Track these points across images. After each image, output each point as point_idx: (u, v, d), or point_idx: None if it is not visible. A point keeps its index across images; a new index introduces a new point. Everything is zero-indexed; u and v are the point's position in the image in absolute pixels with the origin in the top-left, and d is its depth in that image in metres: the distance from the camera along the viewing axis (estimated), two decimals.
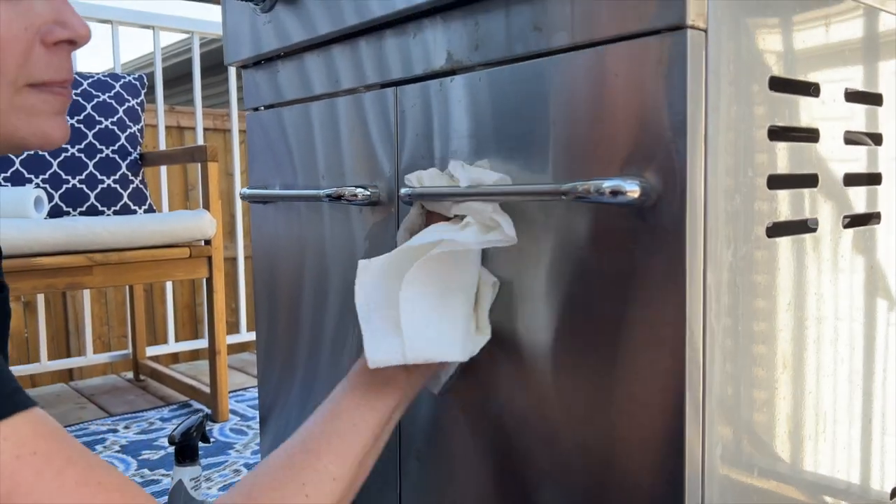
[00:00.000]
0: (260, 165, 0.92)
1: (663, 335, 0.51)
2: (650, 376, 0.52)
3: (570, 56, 0.55)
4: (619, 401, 0.54)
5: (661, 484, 0.52)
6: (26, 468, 0.44)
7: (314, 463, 0.56)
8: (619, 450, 0.54)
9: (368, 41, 0.73)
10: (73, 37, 0.53)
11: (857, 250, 0.66)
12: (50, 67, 0.52)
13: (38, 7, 0.51)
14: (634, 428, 0.53)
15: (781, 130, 0.56)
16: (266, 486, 0.54)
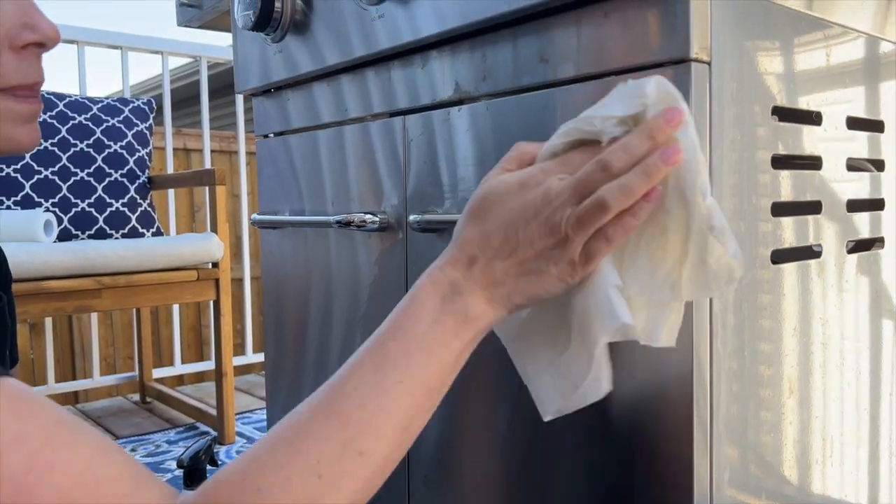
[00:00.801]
0: (269, 191, 0.93)
1: (670, 361, 0.51)
2: (657, 402, 0.52)
3: (575, 87, 0.56)
4: (627, 426, 0.54)
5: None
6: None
7: (338, 431, 0.43)
8: (627, 475, 0.55)
9: (376, 72, 0.75)
10: (42, 39, 0.52)
11: (861, 275, 0.66)
12: (19, 72, 0.52)
13: (4, 10, 0.51)
14: (642, 453, 0.54)
15: (784, 158, 0.57)
16: (270, 461, 0.42)
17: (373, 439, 0.43)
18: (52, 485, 0.39)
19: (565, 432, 0.59)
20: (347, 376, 0.45)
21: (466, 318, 0.46)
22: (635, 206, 0.42)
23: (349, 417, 0.43)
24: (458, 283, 0.46)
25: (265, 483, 0.42)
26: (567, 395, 0.46)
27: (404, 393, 0.44)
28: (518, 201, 0.45)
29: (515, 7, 0.57)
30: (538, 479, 0.62)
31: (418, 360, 0.45)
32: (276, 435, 0.44)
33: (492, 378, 0.65)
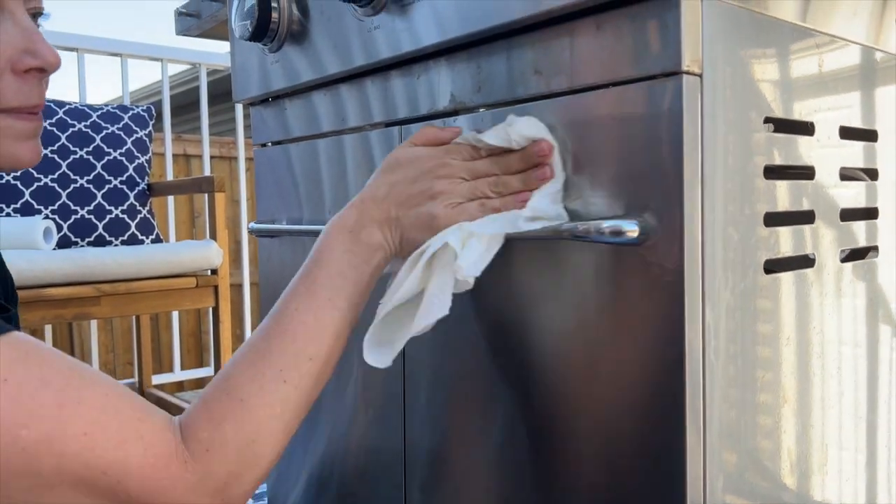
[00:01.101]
0: (267, 200, 0.94)
1: (662, 374, 0.52)
2: (649, 416, 0.53)
3: (569, 99, 0.57)
4: (620, 439, 0.55)
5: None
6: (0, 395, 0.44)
7: (290, 344, 0.55)
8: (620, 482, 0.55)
9: (373, 81, 0.75)
10: (43, 65, 0.55)
11: (855, 284, 0.67)
12: (20, 94, 0.54)
13: (8, 35, 0.53)
14: (636, 465, 0.54)
15: (777, 169, 0.58)
16: (245, 378, 0.53)
17: (317, 346, 0.56)
18: (82, 415, 0.47)
19: (560, 441, 0.59)
20: (288, 301, 0.57)
21: (370, 246, 0.59)
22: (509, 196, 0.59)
23: (296, 332, 0.55)
24: (360, 218, 0.59)
25: (245, 393, 0.53)
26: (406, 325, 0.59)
27: (334, 308, 0.57)
28: (424, 164, 0.60)
29: (510, 19, 0.58)
30: (533, 488, 0.62)
31: (339, 282, 0.57)
32: (241, 358, 0.55)
33: (488, 387, 0.65)
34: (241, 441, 0.51)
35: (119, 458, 0.47)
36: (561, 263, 0.58)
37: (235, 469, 0.51)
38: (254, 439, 0.52)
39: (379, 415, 0.79)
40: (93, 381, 0.49)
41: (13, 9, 0.54)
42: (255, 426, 0.52)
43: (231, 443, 0.51)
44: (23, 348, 0.47)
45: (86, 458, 0.46)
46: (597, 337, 0.56)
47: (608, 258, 0.55)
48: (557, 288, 0.59)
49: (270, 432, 0.53)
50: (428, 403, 0.72)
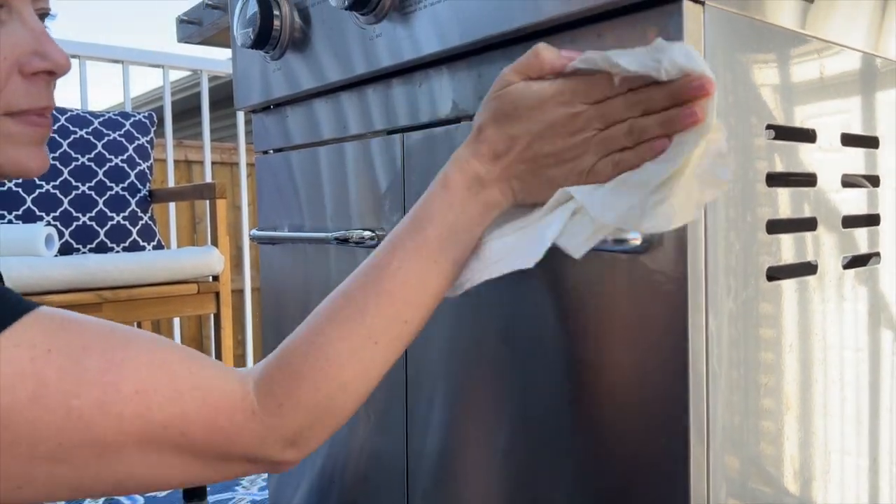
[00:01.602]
0: (269, 207, 0.94)
1: (666, 381, 0.52)
2: (653, 424, 0.53)
3: None
4: (623, 446, 0.55)
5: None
6: (47, 368, 0.43)
7: (388, 307, 0.51)
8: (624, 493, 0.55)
9: (375, 89, 0.75)
10: (52, 67, 0.53)
11: (858, 290, 0.67)
12: (28, 96, 0.53)
13: (16, 37, 0.52)
14: (640, 472, 0.54)
15: (779, 176, 0.58)
16: (335, 335, 0.51)
17: (415, 310, 0.52)
18: (130, 375, 0.45)
19: (563, 448, 0.59)
20: (391, 255, 0.53)
21: (487, 205, 0.54)
22: (644, 144, 0.49)
23: (395, 295, 0.52)
24: (481, 175, 0.53)
25: (333, 352, 0.50)
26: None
27: (439, 272, 0.53)
28: (549, 115, 0.51)
29: (511, 27, 0.58)
30: (535, 494, 0.62)
31: (449, 244, 0.53)
32: (334, 312, 0.52)
33: (492, 394, 0.65)
34: (319, 398, 0.50)
35: (177, 412, 0.46)
36: (564, 271, 0.58)
37: (309, 422, 0.50)
38: (333, 396, 0.50)
39: (381, 422, 0.79)
40: (136, 339, 0.48)
41: (21, 9, 0.52)
42: (337, 385, 0.50)
43: (308, 399, 0.50)
44: (58, 318, 0.46)
45: (143, 416, 0.45)
46: (600, 344, 0.56)
47: (611, 266, 0.55)
48: (560, 295, 0.59)
49: (353, 391, 0.51)
50: (430, 410, 0.72)
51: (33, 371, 0.43)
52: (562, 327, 0.59)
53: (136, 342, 0.47)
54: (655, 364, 0.52)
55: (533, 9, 0.56)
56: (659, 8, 0.50)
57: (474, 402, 0.67)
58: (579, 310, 0.57)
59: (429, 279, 0.53)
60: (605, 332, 0.55)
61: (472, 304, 0.67)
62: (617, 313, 0.55)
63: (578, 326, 0.57)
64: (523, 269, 0.51)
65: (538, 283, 0.60)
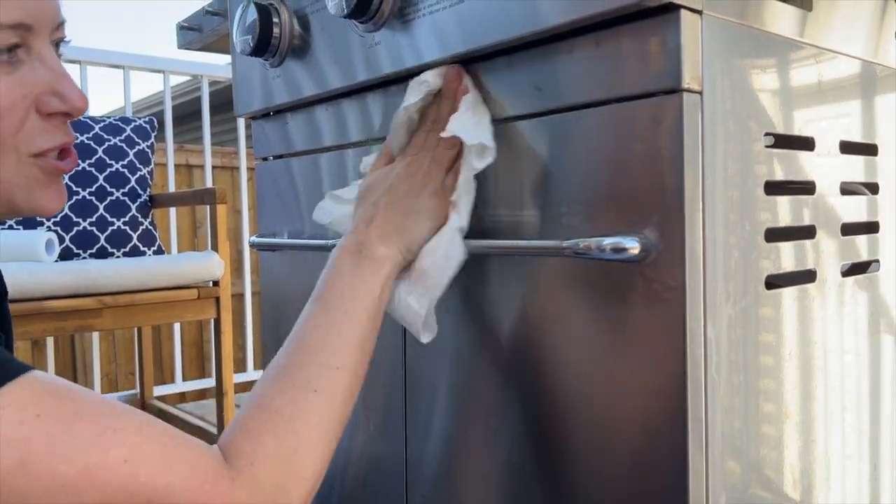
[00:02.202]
0: (269, 213, 0.94)
1: (665, 389, 0.52)
2: (652, 431, 0.53)
3: (568, 116, 0.57)
4: (623, 453, 0.55)
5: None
6: (35, 432, 0.43)
7: (314, 357, 0.56)
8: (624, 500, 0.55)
9: (376, 96, 0.75)
10: (69, 109, 0.54)
11: (857, 297, 0.67)
12: (45, 135, 0.53)
13: (36, 75, 0.52)
14: (638, 479, 0.54)
15: (778, 184, 0.58)
16: (275, 391, 0.54)
17: (341, 357, 0.57)
18: (121, 442, 0.46)
19: (562, 454, 0.59)
20: (305, 323, 0.59)
21: (375, 260, 0.61)
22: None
23: (320, 346, 0.57)
24: (360, 240, 0.62)
25: (277, 405, 0.53)
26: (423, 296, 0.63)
27: (351, 321, 0.58)
28: (393, 172, 0.65)
29: (510, 36, 0.58)
30: (535, 500, 0.62)
31: (350, 298, 0.59)
32: (269, 376, 0.56)
33: (490, 401, 0.65)
34: (283, 452, 0.51)
35: (164, 483, 0.46)
36: (562, 280, 0.58)
37: (282, 481, 0.51)
38: (295, 448, 0.52)
39: (381, 428, 0.79)
40: (125, 411, 0.48)
41: (40, 48, 0.53)
42: (293, 436, 0.52)
43: (273, 454, 0.51)
44: (50, 383, 0.46)
45: (130, 487, 0.45)
46: (599, 352, 0.56)
47: (609, 274, 0.55)
48: (559, 304, 0.59)
49: (310, 442, 0.52)
50: (429, 416, 0.72)
51: (21, 437, 0.42)
52: (561, 335, 0.59)
53: (125, 413, 0.48)
54: (654, 371, 0.52)
55: (532, 17, 0.56)
56: (657, 17, 0.50)
57: (473, 409, 0.67)
58: (578, 317, 0.57)
59: (345, 330, 0.58)
60: (605, 339, 0.55)
61: (472, 311, 0.67)
62: (615, 321, 0.55)
63: (577, 334, 0.57)
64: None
65: (538, 291, 0.60)
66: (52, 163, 0.55)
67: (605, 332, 0.55)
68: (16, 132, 0.51)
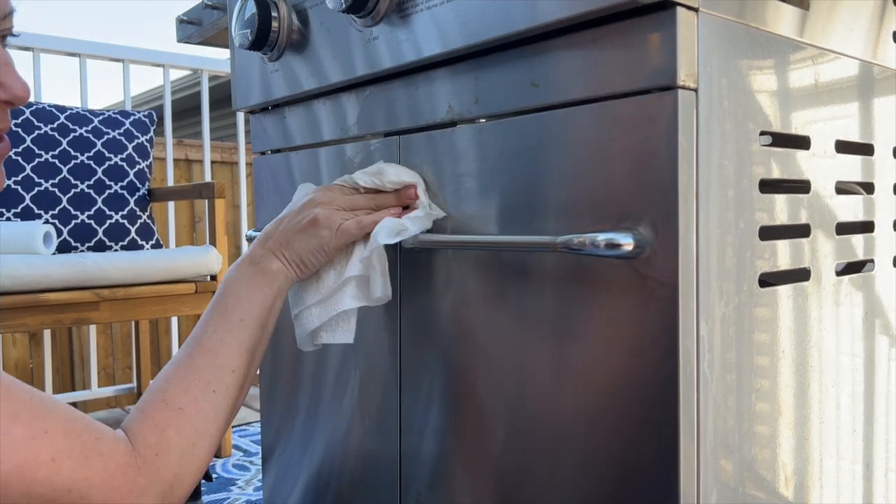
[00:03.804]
0: (267, 208, 0.94)
1: (656, 387, 0.52)
2: (643, 429, 0.53)
3: (565, 112, 0.57)
4: (614, 451, 0.55)
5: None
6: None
7: (214, 359, 0.62)
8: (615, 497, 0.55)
9: (375, 91, 0.76)
10: (10, 98, 0.55)
11: (851, 297, 0.67)
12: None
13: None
14: (629, 476, 0.54)
15: (773, 182, 0.58)
16: (179, 390, 0.60)
17: (237, 361, 0.64)
18: (49, 444, 0.51)
19: (554, 452, 0.59)
20: (206, 326, 0.65)
21: (269, 272, 0.67)
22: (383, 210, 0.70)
23: (217, 350, 0.63)
24: (258, 252, 0.69)
25: (182, 403, 0.59)
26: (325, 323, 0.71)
27: (246, 327, 0.65)
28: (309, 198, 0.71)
29: (508, 31, 0.58)
30: (528, 498, 0.62)
31: (247, 305, 0.66)
32: (172, 373, 0.62)
33: (487, 399, 0.66)
34: (183, 445, 0.58)
35: (83, 476, 0.52)
36: (555, 276, 0.58)
37: (179, 471, 0.57)
38: (194, 443, 0.59)
39: (375, 424, 0.79)
40: (54, 409, 0.53)
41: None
42: (193, 432, 0.59)
43: (175, 447, 0.57)
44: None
45: (53, 482, 0.51)
46: (592, 349, 0.56)
47: (602, 271, 0.55)
48: (552, 299, 0.59)
49: (207, 436, 0.60)
50: (424, 413, 0.72)
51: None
52: (553, 331, 0.59)
53: (54, 412, 0.53)
54: (646, 368, 0.52)
55: (530, 13, 0.56)
56: (653, 14, 0.51)
57: (467, 407, 0.67)
58: (571, 314, 0.57)
59: (240, 335, 0.64)
60: (597, 336, 0.56)
61: (465, 308, 0.67)
62: (608, 317, 0.55)
63: (570, 330, 0.58)
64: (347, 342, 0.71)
65: (528, 288, 0.60)
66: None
67: (599, 329, 0.56)
68: None
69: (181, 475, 0.57)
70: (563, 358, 0.58)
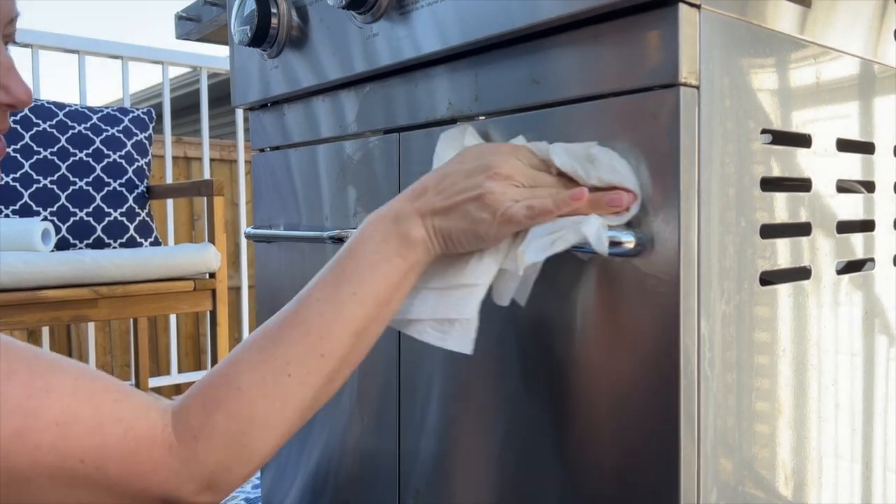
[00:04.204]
0: (265, 205, 0.94)
1: (657, 385, 0.52)
2: (643, 427, 0.53)
3: (566, 109, 0.57)
4: (614, 448, 0.55)
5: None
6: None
7: (303, 337, 0.51)
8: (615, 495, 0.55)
9: (373, 88, 0.75)
10: (13, 102, 0.54)
11: (851, 296, 0.67)
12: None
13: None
14: (630, 474, 0.54)
15: (774, 180, 0.58)
16: (248, 365, 0.51)
17: (332, 344, 0.52)
18: (52, 405, 0.45)
19: (554, 449, 0.59)
20: (311, 289, 0.54)
21: (408, 239, 0.53)
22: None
23: (311, 325, 0.52)
24: (403, 210, 0.55)
25: (244, 382, 0.50)
26: None
27: (358, 304, 0.52)
28: (486, 158, 0.55)
29: (509, 28, 0.58)
30: (527, 495, 0.62)
31: (368, 275, 0.53)
32: (252, 342, 0.52)
33: (487, 397, 0.65)
34: (232, 431, 0.49)
35: (96, 444, 0.45)
36: (556, 274, 0.58)
37: (224, 459, 0.49)
38: (245, 431, 0.49)
39: (375, 422, 0.79)
40: (60, 367, 0.47)
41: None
42: (249, 417, 0.49)
43: (221, 432, 0.49)
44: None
45: (60, 448, 0.44)
46: (592, 347, 0.56)
47: (603, 269, 0.55)
48: (552, 297, 0.59)
49: (266, 426, 0.50)
50: (423, 412, 0.72)
51: None
52: (553, 329, 0.59)
53: (60, 370, 0.46)
54: (646, 366, 0.52)
55: (530, 10, 0.56)
56: (655, 11, 0.50)
57: (467, 404, 0.67)
58: (571, 311, 0.57)
59: (346, 313, 0.52)
60: (597, 333, 0.55)
61: None
62: (609, 315, 0.55)
63: (570, 327, 0.57)
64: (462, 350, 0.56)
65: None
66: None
67: (599, 326, 0.55)
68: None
69: (227, 466, 0.49)
70: (562, 354, 0.58)
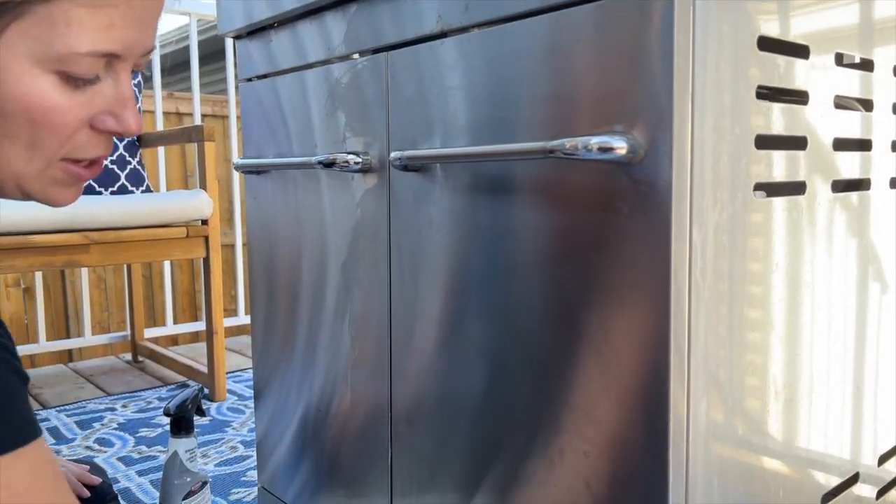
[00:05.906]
0: (254, 136, 0.92)
1: (648, 292, 0.51)
2: (635, 335, 0.52)
3: (559, 14, 0.55)
4: (604, 362, 0.54)
5: (645, 443, 0.52)
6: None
7: None
8: (603, 412, 0.55)
9: (360, 6, 0.73)
10: (122, 131, 0.55)
11: (846, 215, 0.66)
12: (88, 147, 0.54)
13: (103, 96, 0.53)
14: (619, 389, 0.53)
15: (770, 90, 0.56)
16: None
17: None
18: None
19: (544, 370, 0.59)
20: None
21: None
22: None
23: None
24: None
25: None
26: None
27: None
28: None
29: None
30: (519, 426, 0.62)
31: None
32: None
33: (476, 327, 0.65)
34: None
35: None
36: (545, 185, 0.57)
37: None
38: None
39: (366, 363, 0.79)
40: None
41: (119, 71, 0.53)
42: None
43: None
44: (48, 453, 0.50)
45: None
46: (580, 256, 0.55)
47: (595, 175, 0.54)
48: (541, 211, 0.58)
49: None
50: (414, 347, 0.72)
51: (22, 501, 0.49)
52: (543, 240, 0.58)
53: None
54: (638, 276, 0.52)
55: None
56: None
57: (456, 338, 0.67)
58: (562, 225, 0.56)
59: None
60: (588, 246, 0.55)
61: (450, 228, 0.66)
62: (599, 225, 0.54)
63: (561, 242, 0.57)
64: None
65: (518, 194, 0.59)
66: (78, 171, 0.56)
67: (590, 238, 0.55)
68: (61, 145, 0.53)
69: None
70: (552, 267, 0.57)
